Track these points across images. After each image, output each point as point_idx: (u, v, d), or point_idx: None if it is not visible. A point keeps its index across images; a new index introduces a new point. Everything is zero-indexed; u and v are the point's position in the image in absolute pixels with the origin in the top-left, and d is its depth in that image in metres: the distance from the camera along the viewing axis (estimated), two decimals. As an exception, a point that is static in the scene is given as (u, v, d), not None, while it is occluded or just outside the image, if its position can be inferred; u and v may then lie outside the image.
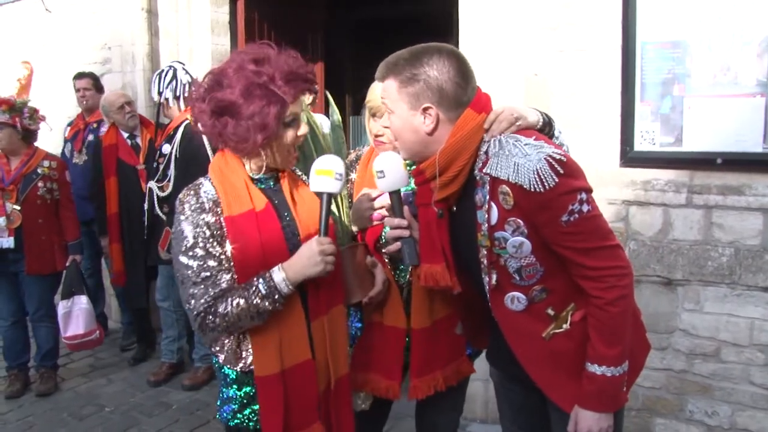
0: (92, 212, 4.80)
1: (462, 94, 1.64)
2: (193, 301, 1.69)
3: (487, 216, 1.62)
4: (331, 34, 6.39)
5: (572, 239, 1.57)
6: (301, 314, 1.78)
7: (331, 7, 6.28)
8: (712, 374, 2.93)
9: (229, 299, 1.68)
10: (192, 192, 1.74)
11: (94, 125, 4.84)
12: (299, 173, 1.97)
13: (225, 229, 1.71)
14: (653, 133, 2.91)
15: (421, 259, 1.79)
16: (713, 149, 2.80)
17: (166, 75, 3.93)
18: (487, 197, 1.61)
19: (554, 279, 1.65)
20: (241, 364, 1.77)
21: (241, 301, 1.67)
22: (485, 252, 1.65)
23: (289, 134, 1.76)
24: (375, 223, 2.04)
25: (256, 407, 1.79)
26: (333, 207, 2.01)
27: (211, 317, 1.68)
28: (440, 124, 1.65)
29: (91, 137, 4.83)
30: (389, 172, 1.80)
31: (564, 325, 1.68)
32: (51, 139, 5.09)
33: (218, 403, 1.87)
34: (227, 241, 1.71)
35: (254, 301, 1.67)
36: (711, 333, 2.92)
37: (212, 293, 1.68)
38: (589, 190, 1.59)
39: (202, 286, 1.69)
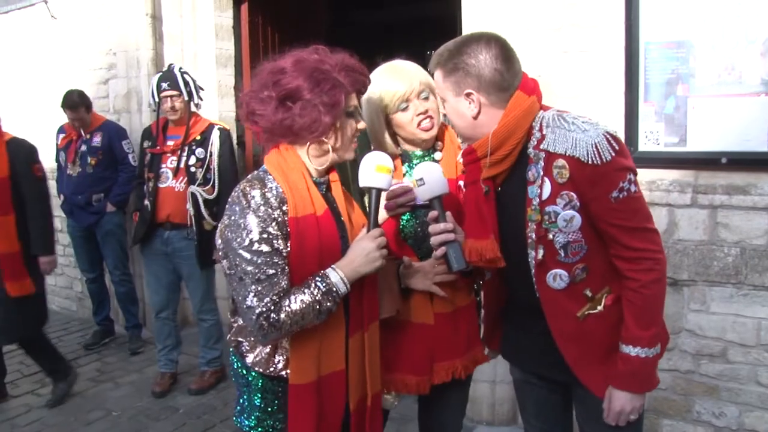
0: (91, 218, 4.84)
1: (502, 80, 1.72)
2: (255, 300, 1.63)
3: (539, 191, 1.69)
4: (335, 38, 6.41)
5: (618, 216, 1.65)
6: (342, 323, 1.77)
7: (335, 11, 6.30)
8: (719, 375, 2.92)
9: (292, 297, 1.64)
10: (257, 185, 1.68)
11: (87, 136, 4.81)
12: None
13: (289, 230, 1.67)
14: (657, 133, 2.90)
15: (466, 236, 1.84)
16: (718, 149, 2.79)
17: (183, 76, 3.90)
18: (541, 173, 1.68)
19: (595, 259, 1.72)
20: (271, 369, 1.75)
21: (305, 298, 1.64)
22: (534, 227, 1.72)
23: (351, 124, 1.77)
24: (388, 213, 2.06)
25: (281, 416, 1.77)
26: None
27: (274, 315, 1.63)
28: (483, 109, 1.74)
29: (84, 148, 4.80)
30: (429, 179, 1.84)
31: (598, 307, 1.75)
32: (51, 147, 5.11)
33: (237, 409, 1.85)
34: (288, 242, 1.68)
35: (317, 298, 1.65)
36: (717, 333, 2.90)
37: (276, 291, 1.64)
38: (635, 172, 1.68)
39: (267, 284, 1.63)
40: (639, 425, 1.87)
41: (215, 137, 3.91)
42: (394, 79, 2.04)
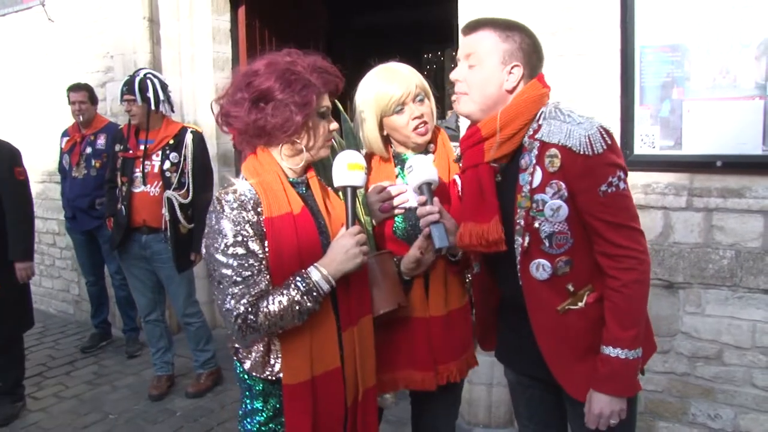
0: (93, 223, 4.84)
1: (538, 66, 1.80)
2: (233, 302, 1.65)
3: (530, 178, 1.71)
4: (332, 41, 6.42)
5: (605, 211, 1.66)
6: (333, 321, 1.78)
7: (332, 15, 6.31)
8: (715, 377, 2.93)
9: (270, 298, 1.66)
10: (230, 190, 1.72)
11: (92, 137, 4.81)
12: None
13: (264, 230, 1.70)
14: (653, 136, 2.92)
15: (465, 218, 1.87)
16: (713, 152, 2.81)
17: (145, 81, 3.84)
18: (534, 161, 1.71)
19: (580, 254, 1.73)
20: (268, 372, 1.76)
21: (283, 299, 1.65)
22: (523, 213, 1.74)
23: (323, 125, 1.80)
24: (384, 215, 2.08)
25: (282, 419, 1.77)
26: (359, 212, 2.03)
27: (252, 317, 1.65)
28: (519, 85, 1.77)
29: (89, 150, 4.80)
30: (417, 165, 1.93)
31: (579, 303, 1.75)
32: (48, 149, 5.12)
33: (240, 413, 1.86)
34: (266, 243, 1.70)
35: (296, 299, 1.66)
36: (713, 336, 2.92)
37: (253, 293, 1.66)
38: (626, 171, 1.70)
39: (243, 286, 1.66)
40: (631, 427, 1.87)
41: (189, 140, 3.90)
42: (390, 82, 2.04)
